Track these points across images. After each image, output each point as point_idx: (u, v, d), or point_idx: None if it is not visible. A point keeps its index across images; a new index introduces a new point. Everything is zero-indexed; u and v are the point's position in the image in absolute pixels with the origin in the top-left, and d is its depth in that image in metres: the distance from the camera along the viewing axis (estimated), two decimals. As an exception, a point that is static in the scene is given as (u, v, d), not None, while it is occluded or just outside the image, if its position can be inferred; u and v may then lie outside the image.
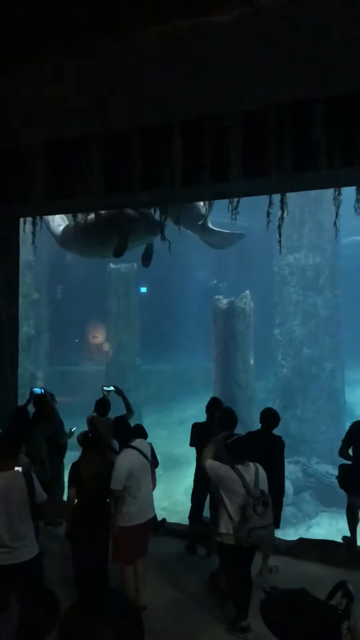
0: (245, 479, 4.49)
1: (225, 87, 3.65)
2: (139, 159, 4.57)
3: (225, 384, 15.00)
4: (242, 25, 2.97)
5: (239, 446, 4.67)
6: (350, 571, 5.36)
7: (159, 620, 4.80)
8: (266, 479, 4.66)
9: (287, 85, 3.64)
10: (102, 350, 21.93)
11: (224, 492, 4.55)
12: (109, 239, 8.34)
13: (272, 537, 4.57)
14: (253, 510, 4.39)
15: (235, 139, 4.09)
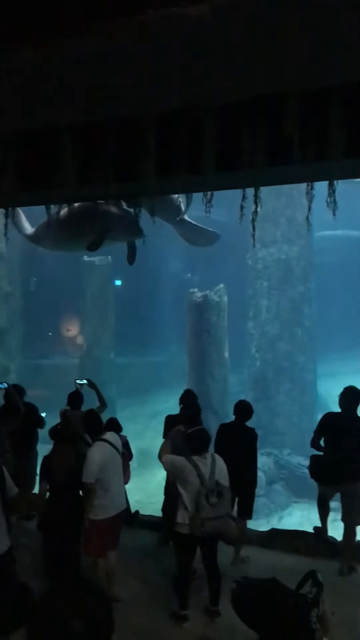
0: (201, 470, 4.54)
1: (199, 80, 3.64)
2: (113, 150, 4.54)
3: (199, 377, 15.07)
4: (217, 17, 2.97)
5: (196, 438, 4.73)
6: (321, 561, 5.46)
7: (130, 611, 4.83)
8: (225, 470, 4.73)
9: (261, 79, 3.65)
10: (76, 343, 21.80)
11: (179, 483, 4.61)
12: (85, 234, 8.28)
13: (225, 527, 4.63)
14: (206, 500, 4.45)
15: (209, 132, 4.09)
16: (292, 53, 3.41)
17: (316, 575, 3.00)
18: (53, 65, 3.88)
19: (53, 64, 3.85)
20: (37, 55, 3.84)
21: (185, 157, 4.28)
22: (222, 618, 4.65)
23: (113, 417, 6.38)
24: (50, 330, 23.17)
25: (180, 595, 4.79)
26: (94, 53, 3.49)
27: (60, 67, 3.88)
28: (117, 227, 7.83)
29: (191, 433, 4.80)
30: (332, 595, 3.00)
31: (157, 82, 3.69)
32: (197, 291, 15.56)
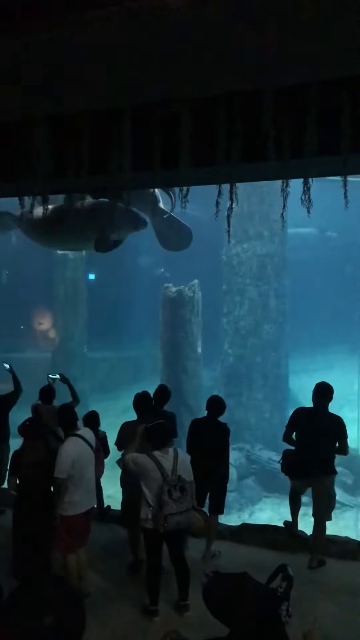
0: (163, 465, 4.55)
1: (175, 73, 3.62)
2: (87, 143, 4.49)
3: (172, 372, 15.08)
4: (194, 10, 2.95)
5: (155, 432, 4.73)
6: (291, 555, 5.52)
7: (100, 606, 4.82)
8: (188, 464, 4.74)
9: (237, 74, 3.64)
10: (48, 337, 21.60)
11: (141, 479, 4.61)
12: (84, 232, 8.13)
13: (189, 522, 4.64)
14: (168, 496, 4.46)
15: (185, 126, 4.07)
16: (268, 49, 3.41)
17: (286, 569, 3.03)
18: (28, 55, 3.82)
19: (28, 53, 3.78)
20: (13, 44, 3.77)
21: (161, 151, 4.26)
22: (191, 612, 4.68)
23: (93, 410, 6.34)
24: (22, 323, 22.92)
25: (150, 590, 4.80)
26: (72, 43, 3.44)
27: (36, 56, 3.81)
28: (120, 221, 7.74)
29: (150, 427, 4.79)
30: (301, 589, 3.04)
31: (133, 74, 3.65)
32: (171, 286, 15.55)
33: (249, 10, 3.00)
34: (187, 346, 15.19)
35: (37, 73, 3.81)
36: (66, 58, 3.61)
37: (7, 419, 6.84)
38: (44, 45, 3.49)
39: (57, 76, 3.82)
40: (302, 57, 3.48)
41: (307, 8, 3.04)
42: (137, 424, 5.45)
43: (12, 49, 3.54)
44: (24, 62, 3.69)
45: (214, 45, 3.29)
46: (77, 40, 3.37)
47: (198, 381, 15.42)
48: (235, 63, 3.44)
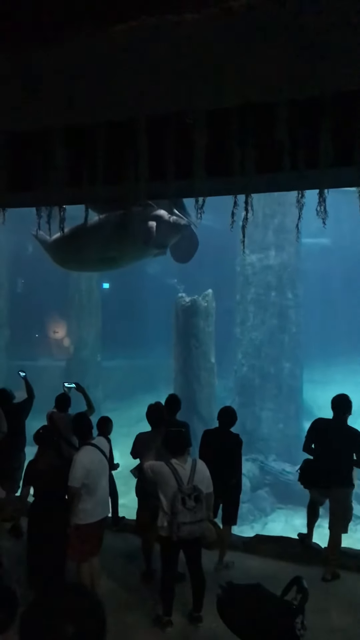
0: (179, 474, 4.55)
1: (191, 85, 3.65)
2: (102, 154, 4.54)
3: (185, 381, 15.06)
4: (210, 25, 2.98)
5: (172, 439, 4.73)
6: (305, 567, 5.47)
7: (113, 616, 4.80)
8: (206, 475, 4.73)
9: (251, 85, 3.67)
10: (62, 345, 21.72)
11: (158, 487, 4.61)
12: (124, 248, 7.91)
13: (202, 532, 4.63)
14: (182, 504, 4.45)
15: (199, 137, 4.10)
16: (285, 62, 3.43)
17: (301, 581, 3.00)
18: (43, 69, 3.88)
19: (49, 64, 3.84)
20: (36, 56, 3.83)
21: (176, 162, 4.29)
22: (205, 623, 4.64)
23: (106, 416, 6.34)
24: (37, 332, 23.06)
25: (164, 600, 4.78)
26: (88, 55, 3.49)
27: (56, 67, 3.87)
28: (166, 231, 7.58)
29: (168, 434, 4.81)
30: (315, 602, 3.01)
31: (149, 86, 3.69)
32: (185, 296, 15.58)
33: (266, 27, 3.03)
34: (201, 356, 15.17)
35: (56, 84, 3.86)
36: (85, 70, 3.65)
37: (23, 427, 6.88)
38: (63, 57, 3.54)
39: (75, 87, 3.87)
40: (316, 68, 3.49)
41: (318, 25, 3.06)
42: (151, 434, 5.46)
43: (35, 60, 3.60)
44: (44, 73, 3.75)
45: (231, 58, 3.32)
46: (97, 53, 3.42)
47: (211, 391, 15.39)
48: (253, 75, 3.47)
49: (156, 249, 8.12)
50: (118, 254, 8.22)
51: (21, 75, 3.87)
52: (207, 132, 4.10)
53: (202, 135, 4.11)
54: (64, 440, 6.04)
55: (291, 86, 3.55)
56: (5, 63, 3.59)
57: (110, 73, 3.59)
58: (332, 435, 5.59)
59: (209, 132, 4.10)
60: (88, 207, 5.49)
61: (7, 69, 3.66)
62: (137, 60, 3.41)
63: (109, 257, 8.32)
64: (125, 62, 3.40)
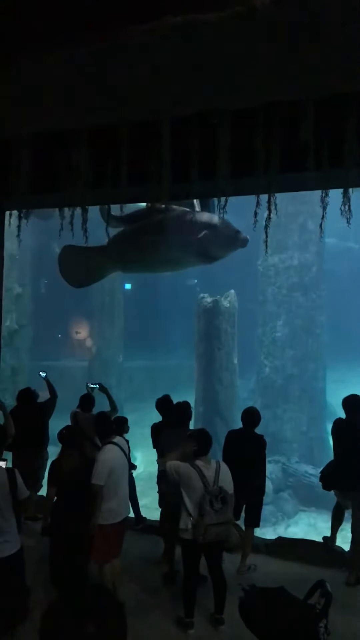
0: (205, 475, 4.52)
1: (215, 85, 3.65)
2: (126, 154, 4.55)
3: (207, 382, 15.02)
4: (234, 24, 2.97)
5: (199, 439, 4.71)
6: (328, 570, 5.41)
7: (135, 617, 4.81)
8: (229, 477, 4.70)
9: (276, 85, 3.65)
10: (84, 346, 21.86)
11: (183, 488, 4.58)
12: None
13: (228, 534, 4.60)
14: (210, 506, 4.42)
15: (223, 137, 4.09)
16: (309, 61, 3.41)
17: (325, 585, 2.97)
18: (67, 69, 3.90)
19: (66, 67, 3.87)
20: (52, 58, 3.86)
21: (200, 163, 4.28)
22: (226, 626, 4.62)
23: (121, 416, 6.38)
24: (60, 332, 23.25)
25: (186, 602, 4.76)
26: (111, 56, 3.51)
27: (75, 70, 3.90)
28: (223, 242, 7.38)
29: (191, 435, 4.79)
30: (339, 606, 2.97)
31: (173, 86, 3.69)
32: (207, 296, 15.54)
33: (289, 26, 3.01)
34: (223, 357, 15.11)
35: (81, 85, 3.89)
36: (109, 70, 3.67)
37: (47, 426, 6.93)
38: (88, 57, 3.56)
39: (100, 89, 3.89)
40: (340, 68, 3.46)
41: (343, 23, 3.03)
42: (175, 432, 5.47)
43: (59, 61, 3.63)
44: (70, 75, 3.78)
45: (256, 58, 3.31)
46: (120, 53, 3.43)
47: (233, 392, 15.32)
48: (276, 75, 3.45)
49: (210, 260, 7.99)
50: (181, 255, 8.04)
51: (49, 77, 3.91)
52: (230, 132, 4.08)
53: (226, 136, 4.10)
54: (88, 441, 6.06)
55: (315, 85, 3.52)
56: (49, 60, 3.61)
57: (133, 73, 3.60)
58: (347, 435, 5.54)
59: (232, 132, 4.08)
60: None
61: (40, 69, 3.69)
62: (159, 59, 3.41)
63: (173, 259, 8.19)
64: (147, 61, 3.40)
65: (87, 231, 5.17)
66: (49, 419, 6.94)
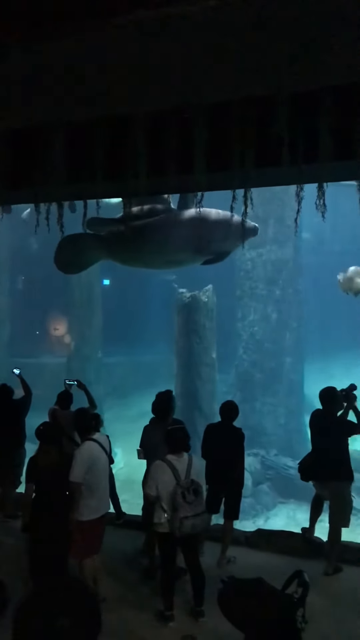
0: (176, 468, 4.56)
1: (190, 80, 3.64)
2: (101, 149, 4.52)
3: (187, 377, 15.04)
4: (207, 17, 2.97)
5: (172, 438, 4.76)
6: (307, 561, 5.48)
7: (115, 610, 4.82)
8: (202, 470, 4.78)
9: (251, 80, 3.65)
10: (63, 342, 21.69)
11: (160, 485, 4.62)
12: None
13: (205, 525, 4.66)
14: (183, 499, 4.47)
15: (199, 132, 4.09)
16: (283, 54, 3.42)
17: (302, 575, 3.01)
18: (42, 65, 3.86)
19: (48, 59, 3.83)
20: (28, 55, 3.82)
21: (176, 157, 4.27)
22: (207, 618, 4.66)
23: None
24: (38, 329, 23.06)
25: (165, 595, 4.79)
26: (86, 51, 3.48)
27: (50, 65, 3.86)
28: (233, 234, 7.28)
29: (169, 431, 4.83)
30: (317, 596, 3.02)
31: (148, 81, 3.68)
32: (185, 291, 15.55)
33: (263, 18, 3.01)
34: (202, 351, 15.15)
35: (55, 80, 3.85)
36: (84, 65, 3.64)
37: (23, 424, 6.89)
38: (63, 51, 3.53)
39: (74, 83, 3.86)
40: (314, 63, 3.48)
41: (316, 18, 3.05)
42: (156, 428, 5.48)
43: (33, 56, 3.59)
44: (44, 69, 3.74)
45: (229, 51, 3.31)
46: (95, 47, 3.41)
47: (213, 386, 15.37)
48: (251, 69, 3.46)
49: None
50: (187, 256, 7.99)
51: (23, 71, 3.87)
52: (206, 126, 4.08)
53: (202, 130, 4.10)
54: (66, 437, 6.05)
55: (290, 79, 3.54)
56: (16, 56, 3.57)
57: (108, 68, 3.58)
58: (323, 428, 5.63)
59: (208, 127, 4.08)
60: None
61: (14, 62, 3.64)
62: (134, 54, 3.40)
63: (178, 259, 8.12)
64: (122, 56, 3.39)
65: (63, 226, 5.13)
66: (25, 416, 6.90)
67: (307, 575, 3.09)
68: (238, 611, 2.54)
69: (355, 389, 5.71)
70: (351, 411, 5.70)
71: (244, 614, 2.51)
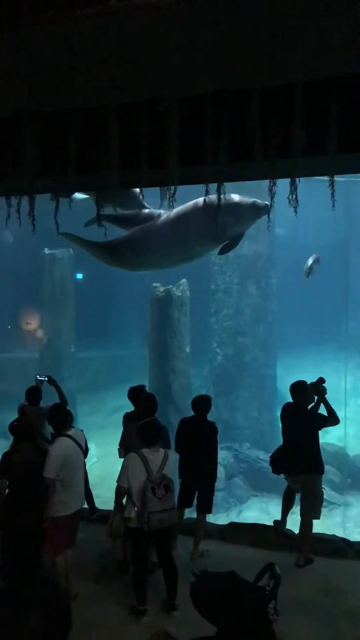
0: (149, 463, 4.56)
1: (162, 72, 3.62)
2: (74, 141, 4.47)
3: (160, 371, 15.05)
4: (179, 10, 2.95)
5: (145, 430, 4.75)
6: (279, 553, 5.55)
7: (88, 606, 4.81)
8: (176, 465, 4.77)
9: (224, 73, 3.65)
10: (36, 336, 21.47)
11: (129, 477, 4.61)
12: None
13: (174, 521, 4.66)
14: (152, 493, 4.47)
15: (172, 126, 4.07)
16: (255, 49, 3.42)
17: (274, 567, 3.03)
18: (18, 52, 3.79)
19: (18, 50, 3.76)
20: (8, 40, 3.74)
21: (149, 151, 4.25)
22: (179, 612, 4.68)
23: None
24: (9, 323, 22.79)
25: (137, 590, 4.79)
26: (59, 39, 3.43)
27: (26, 53, 3.79)
28: (245, 215, 7.31)
29: (141, 425, 4.83)
30: (289, 587, 3.05)
31: (120, 73, 3.64)
32: (159, 285, 15.52)
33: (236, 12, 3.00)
34: (176, 345, 15.16)
35: (26, 70, 3.79)
36: (55, 56, 3.59)
37: None
38: (35, 42, 3.47)
39: (45, 74, 3.81)
40: (287, 58, 3.49)
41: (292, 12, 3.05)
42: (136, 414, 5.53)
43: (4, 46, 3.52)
44: (13, 59, 3.67)
45: (201, 45, 3.30)
46: (67, 38, 3.36)
47: (186, 380, 15.41)
48: (223, 63, 3.45)
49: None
50: (200, 249, 7.95)
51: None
52: (180, 120, 4.07)
53: (175, 124, 4.08)
54: (36, 433, 5.99)
55: (262, 74, 3.54)
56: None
57: (81, 59, 3.53)
58: (294, 420, 5.69)
59: (182, 120, 4.07)
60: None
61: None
62: (105, 46, 3.36)
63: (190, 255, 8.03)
64: (93, 47, 3.34)
65: (34, 219, 5.06)
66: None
67: (278, 567, 3.12)
68: (210, 605, 2.55)
69: (323, 382, 5.77)
70: (322, 404, 5.77)
71: (216, 607, 2.52)
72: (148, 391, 6.11)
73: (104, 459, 12.06)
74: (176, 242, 7.49)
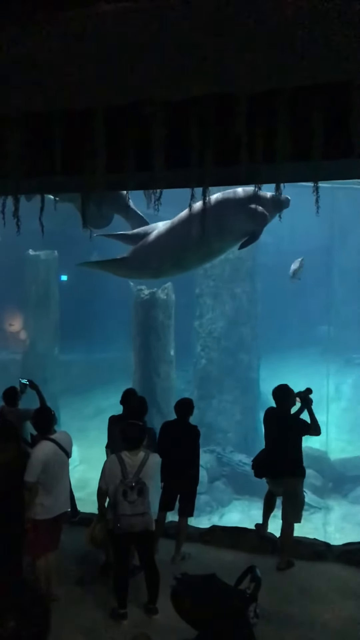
0: (125, 466, 4.54)
1: (148, 75, 3.63)
2: (60, 143, 4.46)
3: (144, 375, 15.01)
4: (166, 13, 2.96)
5: (127, 433, 4.75)
6: (260, 557, 5.57)
7: (68, 610, 4.79)
8: (156, 469, 4.75)
9: (211, 78, 3.67)
10: (18, 338, 21.31)
11: (106, 478, 4.61)
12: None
13: (146, 525, 4.61)
14: (123, 496, 4.45)
15: (158, 129, 4.08)
16: (242, 54, 3.44)
17: (255, 570, 3.05)
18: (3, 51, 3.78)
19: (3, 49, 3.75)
20: None
21: (135, 154, 4.25)
22: (160, 615, 4.67)
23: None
24: (-8, 325, 22.61)
25: (118, 593, 4.78)
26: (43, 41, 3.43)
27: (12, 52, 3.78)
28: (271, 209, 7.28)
29: (123, 428, 4.82)
30: (269, 590, 3.07)
31: (105, 75, 3.65)
32: (144, 288, 15.50)
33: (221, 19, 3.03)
34: (160, 349, 15.14)
35: (12, 70, 3.77)
36: (41, 56, 3.58)
37: None
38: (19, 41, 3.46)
39: (31, 74, 3.79)
40: (273, 64, 3.52)
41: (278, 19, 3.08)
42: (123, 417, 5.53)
43: None
44: None
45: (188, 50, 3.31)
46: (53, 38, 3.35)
47: (170, 384, 15.38)
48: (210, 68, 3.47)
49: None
50: (219, 245, 7.94)
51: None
52: (166, 123, 4.07)
53: (161, 127, 4.09)
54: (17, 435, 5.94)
55: (250, 79, 3.57)
56: None
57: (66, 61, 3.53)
58: (277, 425, 5.71)
59: (168, 124, 4.08)
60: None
61: None
62: (92, 47, 3.36)
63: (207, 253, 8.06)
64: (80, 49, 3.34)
65: (19, 220, 5.03)
66: None
67: (259, 570, 3.13)
68: (191, 608, 2.55)
69: (311, 392, 5.80)
70: (306, 411, 5.80)
71: (197, 610, 2.53)
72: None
73: (87, 462, 12.02)
74: (197, 238, 7.44)
